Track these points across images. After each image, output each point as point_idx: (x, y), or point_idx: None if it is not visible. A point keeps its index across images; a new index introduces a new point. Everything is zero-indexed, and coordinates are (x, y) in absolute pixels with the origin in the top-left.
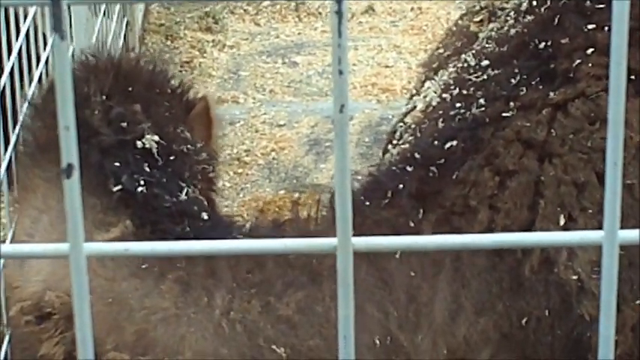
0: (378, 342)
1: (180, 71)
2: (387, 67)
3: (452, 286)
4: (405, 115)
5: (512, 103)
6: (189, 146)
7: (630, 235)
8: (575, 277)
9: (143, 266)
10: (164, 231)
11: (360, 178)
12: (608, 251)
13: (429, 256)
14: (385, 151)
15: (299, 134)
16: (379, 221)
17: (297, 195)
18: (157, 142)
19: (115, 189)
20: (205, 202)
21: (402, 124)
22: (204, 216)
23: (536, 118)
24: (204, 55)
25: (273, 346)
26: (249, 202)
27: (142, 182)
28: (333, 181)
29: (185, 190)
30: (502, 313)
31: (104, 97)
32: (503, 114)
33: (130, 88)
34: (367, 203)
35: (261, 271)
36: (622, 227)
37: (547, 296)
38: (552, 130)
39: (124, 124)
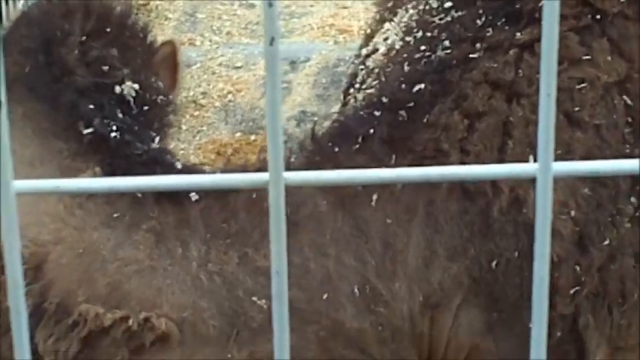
0: (357, 291)
1: (137, 14)
2: (344, 7)
3: (425, 232)
4: (366, 57)
5: (478, 45)
6: (161, 97)
7: (564, 167)
8: None
9: (114, 215)
10: None
11: (316, 120)
12: (542, 184)
13: (402, 203)
14: (346, 94)
15: (256, 76)
16: (351, 168)
17: (253, 137)
18: (135, 91)
19: (86, 132)
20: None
21: (363, 67)
22: (178, 165)
23: (503, 58)
24: None
25: (254, 298)
26: (206, 144)
27: (114, 128)
28: (266, 120)
29: (157, 139)
30: (473, 257)
31: (84, 37)
32: (470, 55)
33: (107, 30)
34: (337, 149)
35: (236, 221)
36: None
37: (516, 237)
38: (520, 71)
39: (105, 68)
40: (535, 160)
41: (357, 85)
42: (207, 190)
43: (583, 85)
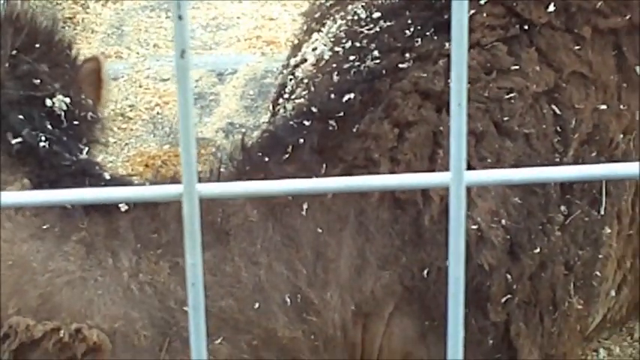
0: (288, 300)
1: (64, 27)
2: (271, 19)
3: (357, 241)
4: (295, 67)
5: (407, 55)
6: (91, 113)
7: (475, 176)
8: (474, 227)
9: (44, 227)
10: None
11: (244, 131)
12: (455, 192)
13: (333, 212)
14: (275, 104)
15: None
16: (281, 177)
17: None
18: (66, 104)
19: (15, 141)
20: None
21: (291, 77)
22: (106, 176)
23: (432, 68)
24: (87, 10)
25: (185, 308)
26: (134, 157)
27: (43, 139)
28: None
29: (85, 150)
30: (405, 266)
31: (14, 51)
32: (400, 65)
33: (36, 46)
34: (267, 159)
35: (166, 232)
36: None
37: (447, 246)
38: (449, 80)
39: (36, 81)
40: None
41: (286, 95)
42: (136, 202)
43: (512, 94)
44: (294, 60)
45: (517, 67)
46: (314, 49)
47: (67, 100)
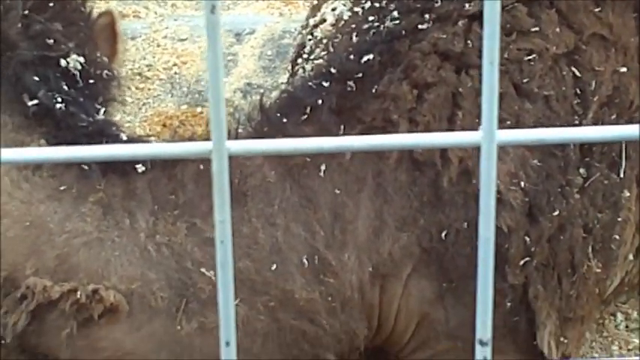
0: (306, 262)
1: None
2: None
3: (374, 203)
4: (314, 27)
5: (427, 16)
6: (106, 71)
7: (508, 135)
8: None
9: (61, 188)
10: None
11: (262, 91)
12: (486, 152)
13: (351, 173)
14: (294, 64)
15: (201, 48)
16: (300, 136)
17: (199, 109)
18: (80, 64)
19: (31, 103)
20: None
21: (310, 37)
22: (123, 137)
23: (452, 29)
24: None
25: (202, 269)
26: (152, 117)
27: (59, 100)
28: (208, 93)
29: (102, 110)
30: (423, 228)
31: (26, 11)
32: (419, 26)
33: (50, 5)
34: (285, 120)
35: (183, 192)
36: None
37: (465, 208)
38: (469, 42)
39: (49, 41)
40: None
41: (305, 56)
42: (154, 162)
43: (532, 56)
44: (313, 20)
45: (537, 28)
46: (333, 9)
47: (82, 59)
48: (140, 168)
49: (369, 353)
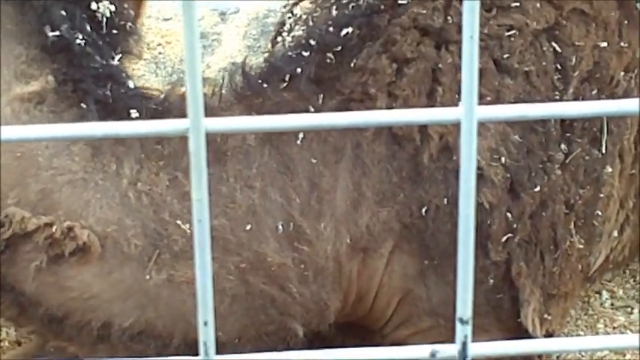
0: (281, 227)
1: None
2: None
3: (353, 175)
4: (294, 5)
5: None
6: (130, 24)
7: (488, 112)
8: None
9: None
10: (85, 91)
11: (245, 56)
12: (466, 128)
13: (330, 143)
14: (274, 42)
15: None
16: (279, 103)
17: (183, 89)
18: (110, 12)
19: (52, 34)
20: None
21: (290, 14)
22: (130, 84)
23: (432, 4)
24: None
25: (178, 222)
26: None
27: (79, 37)
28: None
29: (118, 58)
30: (403, 203)
31: None
32: (399, 1)
33: None
34: (265, 86)
35: (169, 144)
36: None
37: (446, 184)
38: (449, 17)
39: None
40: None
41: (285, 34)
42: (147, 109)
43: (512, 32)
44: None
45: (517, 4)
46: None
47: (113, 7)
48: (134, 113)
49: (351, 330)
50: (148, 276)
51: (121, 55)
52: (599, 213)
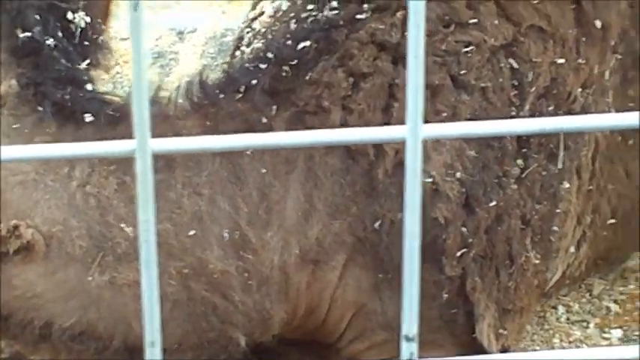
0: (226, 235)
1: None
2: None
3: (305, 186)
4: (253, 20)
5: (365, 6)
6: (102, 38)
7: (432, 130)
8: (429, 180)
9: (14, 126)
10: (44, 94)
11: (203, 67)
12: (411, 146)
13: (281, 155)
14: (233, 57)
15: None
16: (233, 113)
17: None
18: (85, 23)
19: (22, 35)
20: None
21: (249, 29)
22: (88, 87)
23: (390, 20)
24: None
25: (122, 225)
26: None
27: (50, 42)
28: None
29: (86, 62)
30: (356, 216)
31: None
32: (357, 16)
33: None
34: (221, 96)
35: None
36: None
37: (401, 199)
38: (406, 33)
39: None
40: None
41: (244, 47)
42: (102, 113)
43: (470, 48)
44: (253, 13)
45: (475, 20)
46: (273, 1)
47: (88, 19)
48: (89, 118)
49: (308, 347)
50: (90, 277)
51: (88, 66)
52: (556, 229)
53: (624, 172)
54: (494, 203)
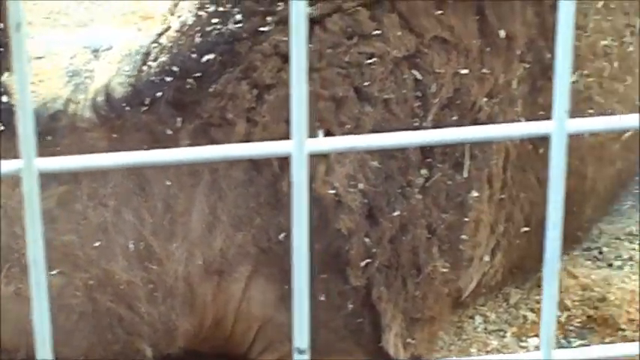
0: (132, 246)
1: None
2: None
3: (209, 198)
4: (159, 36)
5: (269, 18)
6: None
7: (317, 144)
8: (332, 192)
9: None
10: None
11: (109, 79)
12: (297, 161)
13: (186, 167)
14: (140, 71)
15: (57, 66)
16: (138, 124)
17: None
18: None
19: None
20: None
21: (156, 44)
22: (4, 99)
23: None
24: None
25: None
26: None
27: None
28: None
29: (6, 74)
30: (260, 228)
31: None
32: (261, 28)
33: None
34: (127, 108)
35: None
36: None
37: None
38: (310, 45)
39: None
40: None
41: (151, 62)
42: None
43: (373, 60)
44: (160, 28)
45: (379, 32)
46: (179, 17)
47: (1, 25)
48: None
49: (215, 358)
50: None
51: (8, 76)
52: (465, 237)
53: (536, 181)
54: (397, 213)
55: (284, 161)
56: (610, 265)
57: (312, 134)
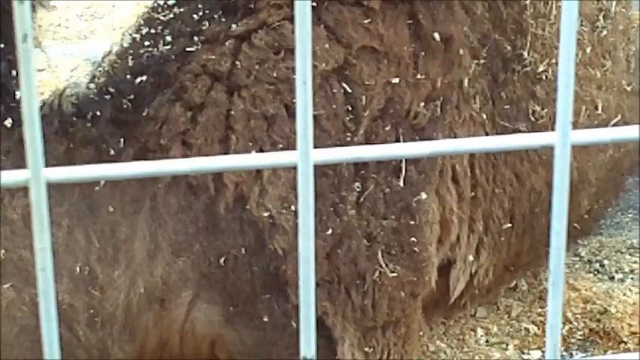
0: (78, 269)
1: None
2: (146, 7)
3: (150, 226)
4: (103, 59)
5: (196, 38)
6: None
7: (323, 155)
8: (266, 214)
9: None
10: None
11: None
12: (303, 171)
13: (128, 194)
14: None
15: (58, 78)
16: (87, 137)
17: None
18: None
19: None
20: None
21: (100, 68)
22: (18, 95)
23: (220, 50)
24: None
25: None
26: None
27: None
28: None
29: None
30: (200, 253)
31: None
32: (188, 49)
33: None
34: (78, 125)
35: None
36: None
37: (242, 234)
38: (237, 62)
39: None
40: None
41: (91, 85)
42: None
43: None
44: (104, 52)
45: None
46: (121, 40)
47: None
48: (8, 123)
49: None
50: None
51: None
52: (414, 240)
53: (514, 176)
54: (330, 231)
55: (219, 184)
56: (611, 278)
57: (248, 152)
